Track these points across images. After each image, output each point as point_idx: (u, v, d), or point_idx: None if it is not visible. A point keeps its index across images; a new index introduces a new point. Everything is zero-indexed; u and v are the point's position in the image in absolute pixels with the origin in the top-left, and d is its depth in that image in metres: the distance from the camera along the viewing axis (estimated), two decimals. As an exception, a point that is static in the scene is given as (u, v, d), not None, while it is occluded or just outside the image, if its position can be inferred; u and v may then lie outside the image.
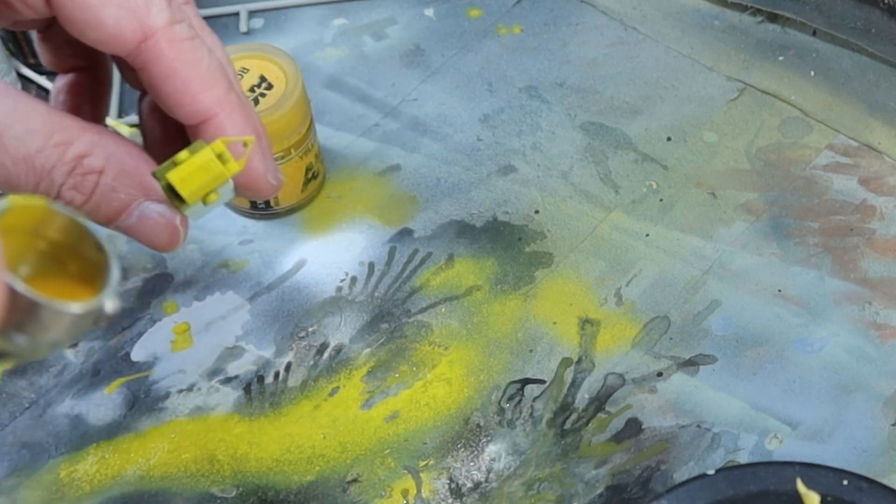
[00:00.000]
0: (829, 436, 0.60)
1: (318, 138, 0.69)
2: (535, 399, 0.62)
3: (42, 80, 0.77)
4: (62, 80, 0.49)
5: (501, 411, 0.62)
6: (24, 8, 0.43)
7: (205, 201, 0.42)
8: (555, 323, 0.65)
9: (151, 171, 0.42)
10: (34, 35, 0.52)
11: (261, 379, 0.64)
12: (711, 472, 0.54)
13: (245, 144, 0.42)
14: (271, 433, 0.62)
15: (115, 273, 0.23)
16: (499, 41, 0.78)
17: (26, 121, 0.40)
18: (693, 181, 0.70)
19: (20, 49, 0.77)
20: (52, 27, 0.47)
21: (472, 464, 0.60)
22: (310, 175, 0.68)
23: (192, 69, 0.44)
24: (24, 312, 0.19)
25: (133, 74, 0.47)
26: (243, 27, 0.80)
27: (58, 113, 0.42)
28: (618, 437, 0.61)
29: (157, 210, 0.44)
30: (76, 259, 0.23)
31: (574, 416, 0.61)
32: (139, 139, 0.48)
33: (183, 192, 0.41)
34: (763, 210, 0.68)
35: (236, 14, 0.81)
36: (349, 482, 0.60)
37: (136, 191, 0.43)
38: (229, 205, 0.70)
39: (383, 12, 0.80)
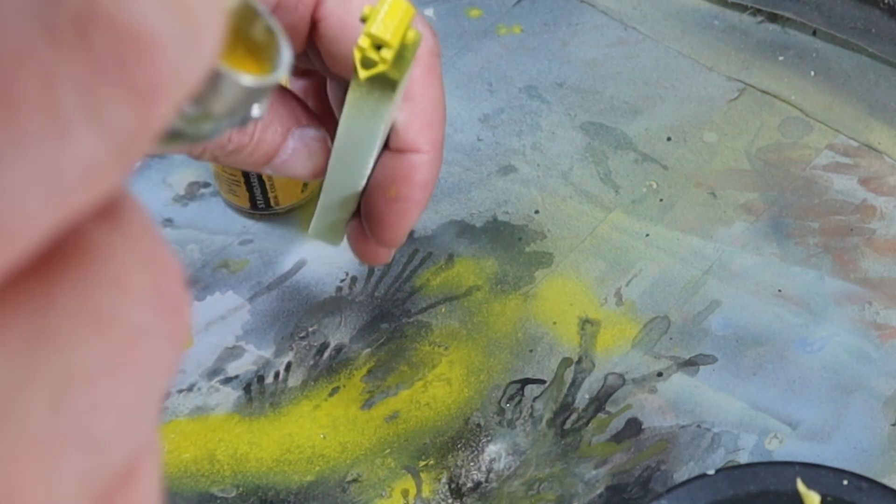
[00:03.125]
0: (829, 436, 0.60)
1: (318, 138, 0.69)
2: (535, 399, 0.62)
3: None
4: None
5: (501, 411, 0.62)
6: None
7: (405, 41, 0.42)
8: (555, 323, 0.65)
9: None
10: None
11: (261, 379, 0.64)
12: (711, 472, 0.54)
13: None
14: (271, 433, 0.62)
15: (285, 55, 0.23)
16: (499, 41, 0.78)
17: None
18: (693, 181, 0.70)
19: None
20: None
21: (472, 464, 0.60)
22: (310, 175, 0.68)
23: (429, 102, 0.45)
24: (205, 82, 0.20)
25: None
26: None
27: None
28: (618, 437, 0.61)
29: (310, 134, 0.45)
30: (243, 42, 0.23)
31: (574, 416, 0.61)
32: None
33: (384, 35, 0.41)
34: (763, 210, 0.68)
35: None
36: (349, 482, 0.60)
37: (289, 122, 0.45)
38: (230, 204, 0.70)
39: (383, 12, 0.80)
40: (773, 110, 0.73)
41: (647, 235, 0.68)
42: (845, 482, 0.53)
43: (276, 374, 0.64)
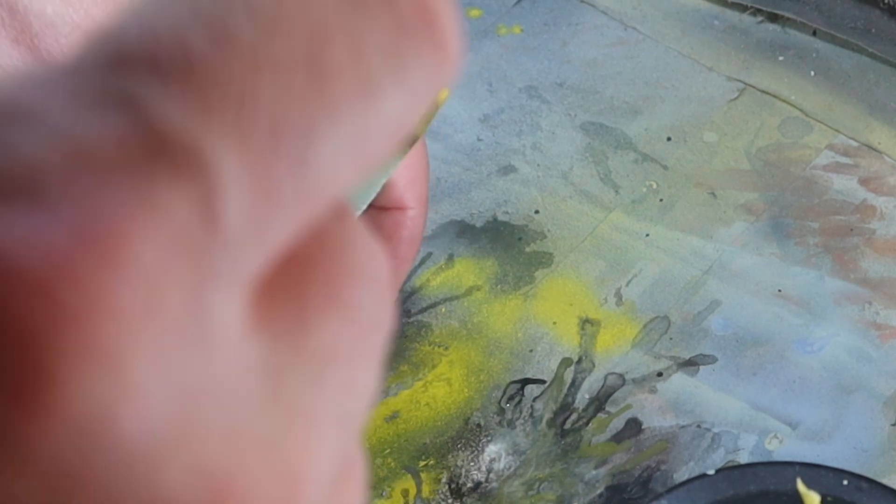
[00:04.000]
0: (829, 436, 0.60)
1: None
2: (535, 399, 0.62)
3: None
4: None
5: (501, 411, 0.62)
6: None
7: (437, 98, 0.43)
8: (555, 323, 0.65)
9: None
10: None
11: (261, 379, 0.64)
12: (711, 472, 0.54)
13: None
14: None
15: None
16: (499, 41, 0.78)
17: None
18: (693, 181, 0.70)
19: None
20: None
21: (472, 464, 0.60)
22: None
23: (413, 157, 0.45)
24: None
25: None
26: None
27: None
28: (618, 437, 0.61)
29: None
30: None
31: (574, 416, 0.61)
32: None
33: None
34: (763, 210, 0.68)
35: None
36: (349, 482, 0.60)
37: None
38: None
39: (383, 12, 0.80)
40: (773, 110, 0.73)
41: (647, 235, 0.68)
42: (845, 482, 0.53)
43: (276, 374, 0.64)
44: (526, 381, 0.63)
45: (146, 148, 0.14)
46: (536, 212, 0.69)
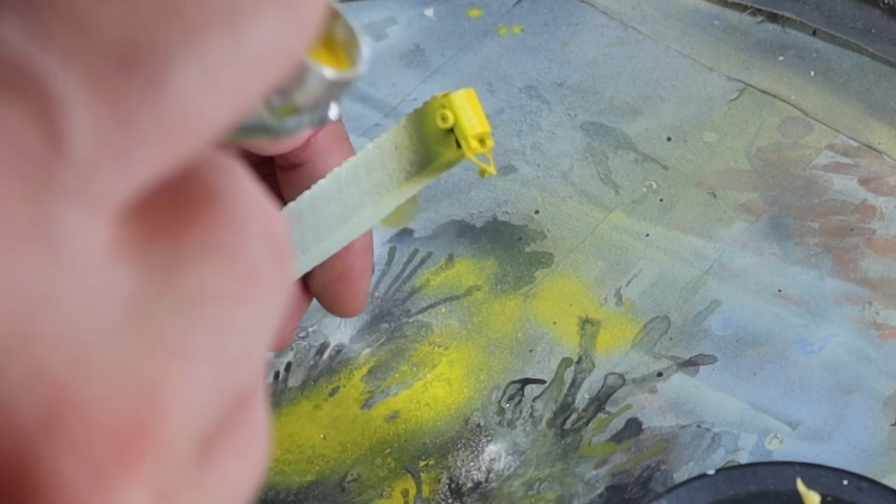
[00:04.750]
0: (829, 436, 0.60)
1: (318, 138, 0.69)
2: (535, 399, 0.62)
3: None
4: None
5: (501, 411, 0.62)
6: None
7: (483, 144, 0.43)
8: (555, 323, 0.65)
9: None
10: None
11: (261, 379, 0.64)
12: (711, 472, 0.54)
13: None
14: (271, 433, 0.62)
15: (365, 53, 0.23)
16: (499, 41, 0.78)
17: None
18: (693, 181, 0.70)
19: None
20: None
21: (472, 464, 0.60)
22: (310, 175, 0.68)
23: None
24: (291, 75, 0.21)
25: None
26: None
27: None
28: (618, 437, 0.61)
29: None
30: (325, 41, 0.24)
31: (574, 416, 0.61)
32: None
33: (471, 131, 0.42)
34: (763, 210, 0.68)
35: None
36: (349, 482, 0.60)
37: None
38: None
39: (383, 12, 0.80)
40: (773, 110, 0.73)
41: (647, 235, 0.68)
42: (845, 482, 0.53)
43: (276, 375, 0.64)
44: (526, 381, 0.63)
45: None
46: (536, 212, 0.69)
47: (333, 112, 0.22)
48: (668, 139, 0.72)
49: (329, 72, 0.21)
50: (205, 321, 0.16)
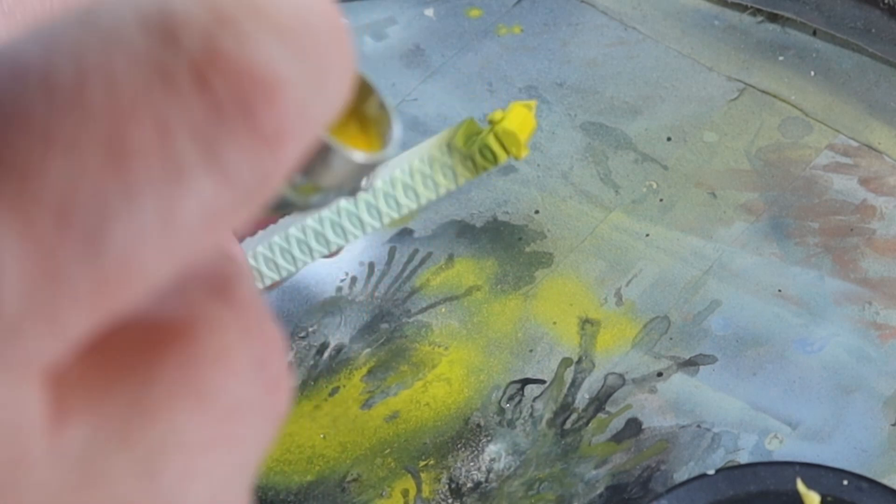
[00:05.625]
0: (829, 436, 0.60)
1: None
2: (535, 399, 0.62)
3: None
4: None
5: (501, 411, 0.62)
6: None
7: (518, 157, 0.45)
8: (555, 323, 0.65)
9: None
10: None
11: (261, 379, 0.64)
12: (711, 472, 0.54)
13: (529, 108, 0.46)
14: None
15: (396, 133, 0.23)
16: (499, 41, 0.78)
17: None
18: (693, 181, 0.70)
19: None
20: None
21: (472, 464, 0.60)
22: (310, 175, 0.68)
23: None
24: (316, 155, 0.20)
25: None
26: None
27: None
28: (618, 437, 0.61)
29: None
30: (356, 117, 0.23)
31: (574, 416, 0.61)
32: None
33: (522, 134, 0.45)
34: (763, 210, 0.68)
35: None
36: (349, 482, 0.60)
37: None
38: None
39: (383, 12, 0.80)
40: (773, 110, 0.73)
41: (647, 235, 0.68)
42: (845, 482, 0.53)
43: (276, 374, 0.64)
44: (526, 381, 0.63)
45: None
46: (536, 212, 0.69)
47: (365, 183, 0.22)
48: (668, 139, 0.72)
49: (358, 155, 0.20)
50: (171, 477, 0.15)
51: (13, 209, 0.14)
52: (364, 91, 0.23)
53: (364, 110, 0.23)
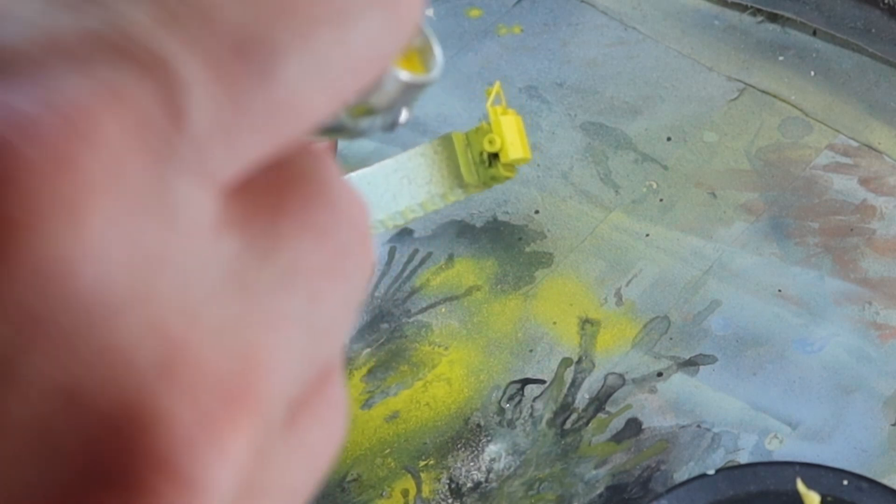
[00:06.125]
0: (829, 436, 0.60)
1: (318, 138, 0.69)
2: (535, 399, 0.62)
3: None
4: None
5: (501, 411, 0.62)
6: None
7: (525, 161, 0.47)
8: (555, 323, 0.65)
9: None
10: None
11: (261, 379, 0.64)
12: (711, 472, 0.54)
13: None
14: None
15: (439, 59, 0.25)
16: (499, 41, 0.78)
17: None
18: (693, 181, 0.70)
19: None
20: None
21: (472, 464, 0.60)
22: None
23: None
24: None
25: None
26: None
27: None
28: (618, 437, 0.61)
29: None
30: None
31: (574, 416, 0.61)
32: None
33: (521, 146, 0.48)
34: (763, 210, 0.68)
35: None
36: (349, 482, 0.60)
37: None
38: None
39: (383, 12, 0.80)
40: (773, 110, 0.73)
41: (647, 235, 0.68)
42: (845, 482, 0.53)
43: (276, 374, 0.64)
44: (526, 381, 0.63)
45: (116, 48, 0.15)
46: (536, 212, 0.69)
47: (404, 116, 0.23)
48: (668, 139, 0.72)
49: (406, 75, 0.22)
50: (299, 293, 0.17)
51: (199, 42, 0.16)
52: None
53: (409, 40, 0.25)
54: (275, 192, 0.17)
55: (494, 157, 0.50)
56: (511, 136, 0.49)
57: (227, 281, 0.16)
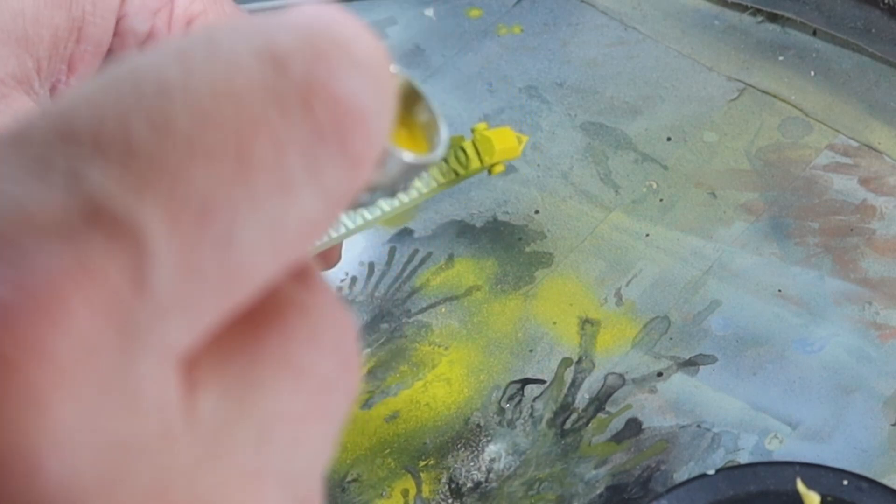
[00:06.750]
0: (829, 436, 0.60)
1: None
2: (535, 399, 0.62)
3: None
4: None
5: (501, 411, 0.62)
6: None
7: (491, 171, 0.46)
8: (555, 323, 0.65)
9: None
10: None
11: (261, 379, 0.64)
12: (711, 472, 0.54)
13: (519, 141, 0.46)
14: None
15: (444, 137, 0.24)
16: (499, 41, 0.78)
17: None
18: (693, 181, 0.70)
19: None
20: None
21: (472, 464, 0.60)
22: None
23: None
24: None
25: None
26: (243, 27, 0.80)
27: None
28: (618, 437, 0.61)
29: None
30: (406, 122, 0.25)
31: (574, 416, 0.61)
32: None
33: (498, 146, 0.46)
34: (763, 210, 0.68)
35: (236, 14, 0.81)
36: (349, 482, 0.60)
37: None
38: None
39: (383, 12, 0.80)
40: (773, 110, 0.73)
41: (647, 235, 0.68)
42: (845, 482, 0.53)
43: (276, 374, 0.64)
44: (526, 381, 0.63)
45: (85, 217, 0.15)
46: (536, 212, 0.69)
47: (407, 185, 0.23)
48: (668, 139, 0.72)
49: (409, 156, 0.22)
50: (277, 444, 0.17)
51: (165, 207, 0.16)
52: (414, 98, 0.24)
53: (413, 116, 0.24)
54: (252, 330, 0.17)
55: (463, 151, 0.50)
56: (501, 137, 0.49)
57: (200, 447, 0.16)
